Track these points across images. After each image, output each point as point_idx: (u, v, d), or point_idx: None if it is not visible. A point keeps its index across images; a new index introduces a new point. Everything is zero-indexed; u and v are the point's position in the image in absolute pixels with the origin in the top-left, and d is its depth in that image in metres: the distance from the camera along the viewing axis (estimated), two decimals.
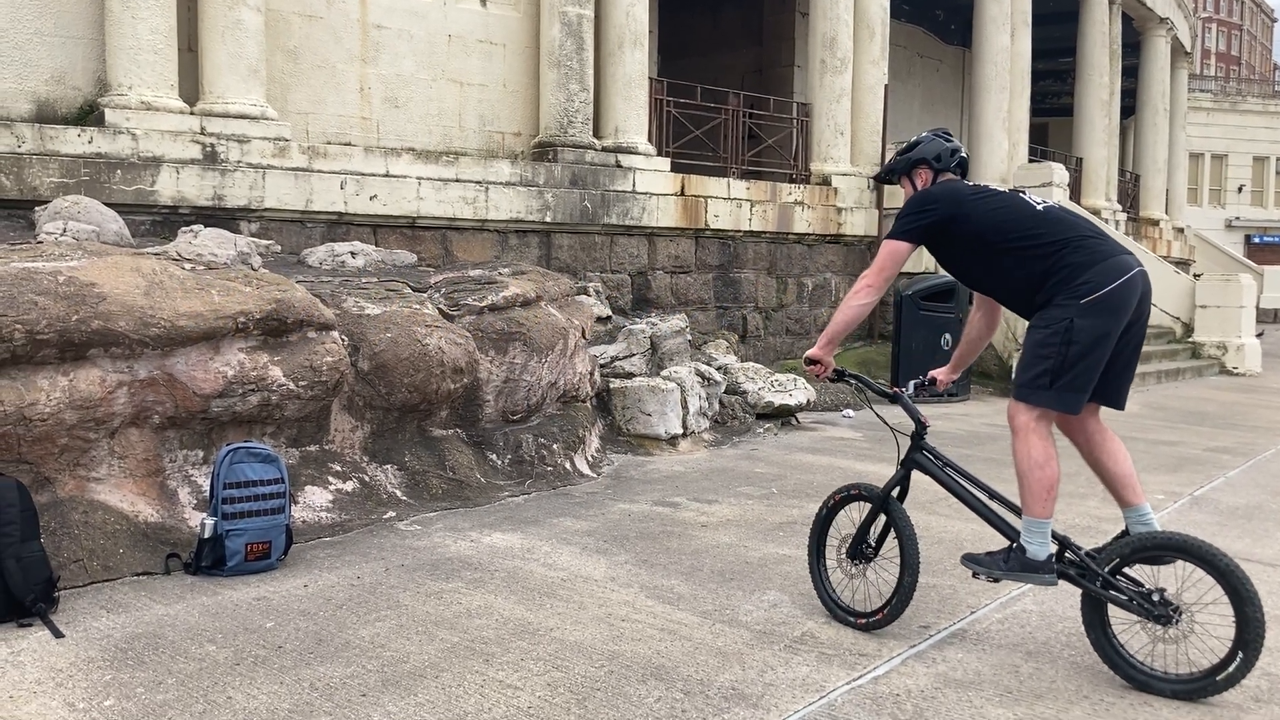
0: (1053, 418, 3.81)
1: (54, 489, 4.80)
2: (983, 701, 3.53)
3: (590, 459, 7.31)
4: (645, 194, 11.18)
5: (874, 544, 4.26)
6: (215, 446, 5.31)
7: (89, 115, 8.09)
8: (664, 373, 8.53)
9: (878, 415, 4.43)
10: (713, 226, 11.94)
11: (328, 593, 4.52)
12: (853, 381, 4.29)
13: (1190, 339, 16.83)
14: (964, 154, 4.20)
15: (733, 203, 12.18)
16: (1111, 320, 3.66)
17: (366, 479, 6.00)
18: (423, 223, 9.51)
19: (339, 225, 8.99)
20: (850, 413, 10.40)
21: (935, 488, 4.18)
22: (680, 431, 8.19)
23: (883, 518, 4.22)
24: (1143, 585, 3.65)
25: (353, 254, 7.79)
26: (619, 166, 10.99)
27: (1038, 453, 3.73)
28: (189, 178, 8.06)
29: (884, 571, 4.34)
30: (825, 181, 13.50)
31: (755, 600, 4.55)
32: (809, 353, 4.16)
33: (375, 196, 9.11)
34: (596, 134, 11.09)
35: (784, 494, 6.74)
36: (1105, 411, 3.93)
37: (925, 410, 4.22)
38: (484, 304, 6.95)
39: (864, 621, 4.15)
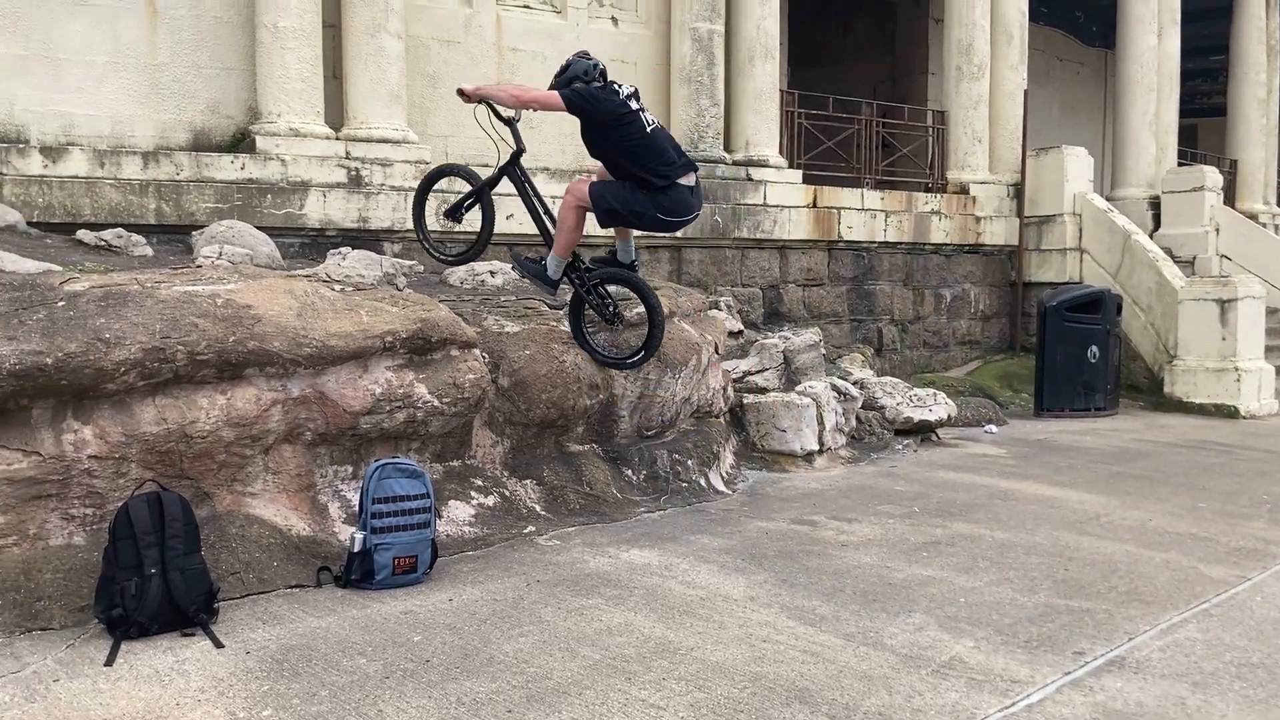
0: (588, 207, 6.09)
1: (213, 503, 5.00)
2: None
3: (725, 475, 7.28)
4: (776, 206, 11.11)
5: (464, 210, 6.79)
6: (364, 462, 5.46)
7: (241, 142, 8.45)
8: (798, 388, 8.42)
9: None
10: (846, 238, 11.78)
11: (472, 607, 4.60)
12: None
13: None
14: (603, 67, 6.03)
15: (866, 213, 12.00)
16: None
17: (507, 494, 6.08)
18: None
19: None
20: (993, 428, 10.11)
21: (1086, 508, 4.02)
22: (816, 448, 8.07)
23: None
24: (609, 297, 6.39)
25: (491, 273, 7.92)
26: (750, 180, 10.95)
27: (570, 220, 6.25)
28: (335, 201, 8.35)
29: None
30: (963, 190, 13.21)
31: (900, 623, 4.45)
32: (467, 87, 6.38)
33: (511, 216, 9.26)
34: (727, 147, 11.08)
35: (926, 513, 6.58)
36: None
37: (1073, 425, 4.09)
38: None
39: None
